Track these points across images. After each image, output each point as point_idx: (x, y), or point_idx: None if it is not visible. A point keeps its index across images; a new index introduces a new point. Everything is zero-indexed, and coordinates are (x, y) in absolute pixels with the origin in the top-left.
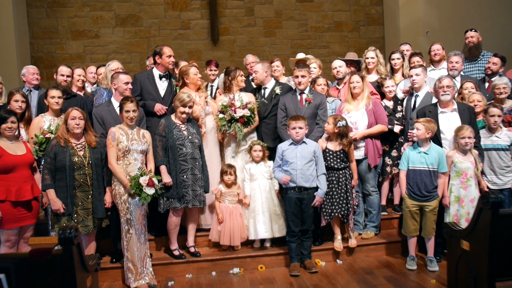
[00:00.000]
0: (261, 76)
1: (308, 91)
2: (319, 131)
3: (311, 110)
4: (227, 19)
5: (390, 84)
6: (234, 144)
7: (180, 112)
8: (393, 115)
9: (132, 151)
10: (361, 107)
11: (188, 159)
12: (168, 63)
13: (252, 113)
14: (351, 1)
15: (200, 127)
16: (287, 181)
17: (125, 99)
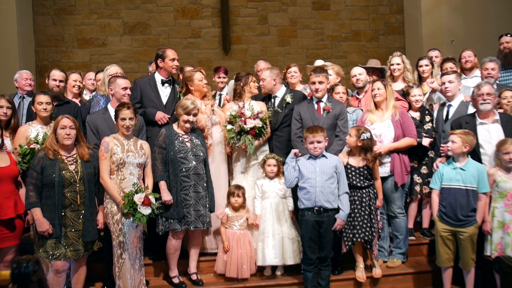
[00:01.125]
0: (269, 84)
1: (326, 99)
2: (339, 145)
3: (330, 121)
4: (239, 28)
5: (417, 93)
6: (244, 159)
7: (184, 121)
8: (421, 127)
9: (128, 164)
10: (387, 117)
11: (191, 174)
12: (171, 67)
13: (264, 124)
14: (370, 9)
15: (206, 139)
16: (299, 153)
17: (121, 105)
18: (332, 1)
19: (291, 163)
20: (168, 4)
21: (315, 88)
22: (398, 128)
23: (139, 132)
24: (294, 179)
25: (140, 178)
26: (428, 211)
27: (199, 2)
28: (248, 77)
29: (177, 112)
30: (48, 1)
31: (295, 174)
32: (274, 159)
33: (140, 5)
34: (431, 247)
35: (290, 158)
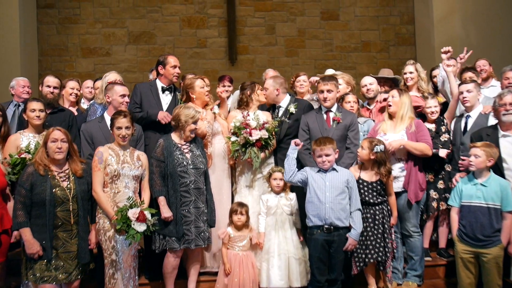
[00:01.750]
0: (272, 94)
1: (336, 109)
2: (350, 158)
3: (340, 132)
4: (246, 38)
5: (432, 104)
6: (249, 172)
7: (190, 130)
8: (437, 138)
9: (123, 177)
10: (401, 129)
11: (191, 189)
12: (172, 75)
13: (270, 135)
14: (380, 19)
15: (206, 147)
16: (300, 143)
17: (117, 113)
18: (341, 11)
19: (292, 155)
20: (173, 14)
21: (323, 97)
22: (412, 140)
23: (137, 142)
24: (294, 174)
25: (136, 191)
26: (445, 229)
27: (205, 11)
28: (255, 85)
29: (182, 122)
30: (52, 9)
31: (295, 167)
32: (280, 172)
33: (145, 14)
34: (448, 268)
35: (291, 149)
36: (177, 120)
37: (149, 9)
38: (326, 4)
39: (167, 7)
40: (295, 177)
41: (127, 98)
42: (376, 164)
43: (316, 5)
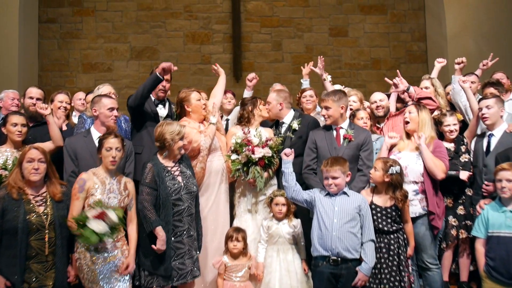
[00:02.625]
0: (275, 108)
1: (347, 126)
2: (363, 181)
3: (351, 151)
4: (251, 54)
5: (451, 122)
6: (251, 194)
7: (178, 148)
8: (456, 158)
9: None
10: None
11: (185, 217)
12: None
13: (273, 153)
14: (390, 36)
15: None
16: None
17: (107, 133)
18: (350, 27)
19: (287, 170)
20: (177, 29)
21: (323, 114)
22: None
23: (126, 159)
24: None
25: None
26: (466, 261)
27: (210, 27)
28: (256, 100)
29: (168, 140)
30: (54, 24)
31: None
32: (282, 197)
33: (148, 30)
34: None
35: (284, 163)
36: (162, 140)
37: (153, 24)
38: (334, 20)
39: (171, 22)
40: (298, 194)
41: (116, 112)
42: (391, 187)
43: (324, 21)
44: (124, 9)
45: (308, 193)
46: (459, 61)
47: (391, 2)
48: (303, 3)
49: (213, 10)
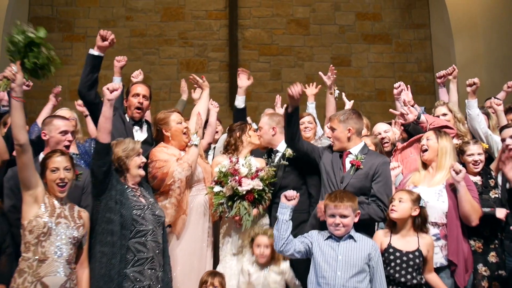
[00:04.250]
0: (267, 134)
1: (359, 150)
2: (377, 213)
3: (358, 182)
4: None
5: (475, 151)
6: (238, 235)
7: (137, 166)
8: (486, 193)
9: (55, 236)
10: (439, 181)
11: (149, 241)
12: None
13: (265, 186)
14: (396, 66)
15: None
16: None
17: (52, 151)
18: (353, 57)
19: (283, 216)
20: (171, 56)
21: (328, 136)
22: (453, 199)
23: (83, 191)
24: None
25: (72, 261)
26: None
27: (205, 55)
28: (246, 126)
29: (123, 159)
30: None
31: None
32: (265, 236)
33: (141, 56)
34: None
35: (282, 208)
36: (117, 161)
37: (146, 51)
38: (337, 49)
39: (164, 49)
40: (290, 246)
41: (69, 136)
42: (415, 225)
43: (326, 50)
44: (116, 35)
45: (302, 241)
46: (470, 82)
47: (396, 32)
48: (304, 31)
49: (209, 37)
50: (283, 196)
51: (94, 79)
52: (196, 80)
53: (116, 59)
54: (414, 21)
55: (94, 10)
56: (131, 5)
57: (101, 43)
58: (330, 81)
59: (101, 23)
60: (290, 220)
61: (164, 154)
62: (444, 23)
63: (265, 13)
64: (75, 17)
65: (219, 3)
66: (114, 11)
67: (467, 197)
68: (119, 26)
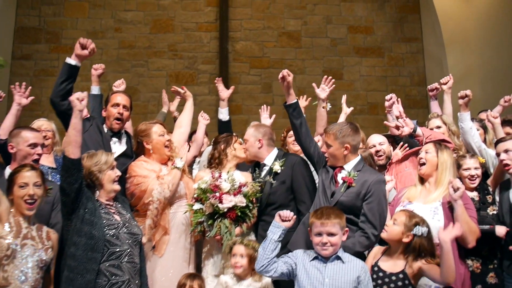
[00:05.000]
0: (253, 147)
1: (353, 166)
2: (361, 244)
3: (348, 200)
4: (239, 96)
5: (472, 165)
6: (220, 255)
7: (112, 181)
8: (484, 209)
9: (20, 259)
10: (435, 198)
11: (125, 263)
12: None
13: (249, 202)
14: (388, 80)
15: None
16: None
17: (21, 166)
18: (345, 70)
19: (273, 236)
20: (160, 68)
21: (323, 151)
22: (449, 219)
23: (53, 207)
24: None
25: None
26: None
27: (195, 67)
28: (231, 138)
29: (95, 173)
30: (29, 61)
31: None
32: (242, 245)
33: (129, 69)
34: None
35: (274, 227)
36: (89, 176)
37: (134, 63)
38: (328, 62)
39: (153, 62)
40: (272, 267)
41: (39, 149)
42: (409, 252)
43: (318, 63)
44: (104, 47)
45: (286, 261)
46: (462, 94)
47: (388, 45)
48: (295, 44)
49: (199, 49)
50: (278, 215)
51: (68, 89)
52: (177, 91)
53: (94, 67)
54: (406, 35)
55: (82, 21)
56: (120, 16)
57: (80, 52)
58: (325, 94)
59: (89, 34)
60: (280, 242)
61: (144, 169)
62: (437, 37)
63: (256, 25)
64: (62, 28)
65: (209, 15)
66: (102, 23)
67: (464, 217)
68: (108, 38)
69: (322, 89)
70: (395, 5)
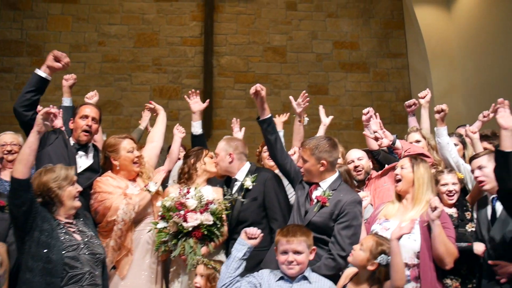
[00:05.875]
0: (224, 161)
1: (329, 184)
2: (328, 267)
3: (322, 221)
4: (224, 111)
5: (450, 181)
6: (186, 276)
7: (72, 197)
8: (462, 226)
9: None
10: (412, 216)
11: (85, 286)
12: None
13: (217, 220)
14: (374, 95)
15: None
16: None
17: None
18: (330, 85)
19: (237, 253)
20: (144, 83)
21: (298, 165)
22: (426, 239)
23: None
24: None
25: None
26: None
27: (179, 81)
28: (202, 152)
29: (54, 190)
30: (9, 74)
31: (236, 273)
32: (204, 265)
33: (112, 82)
34: None
35: (239, 244)
36: (45, 192)
37: (118, 77)
38: (314, 78)
39: (137, 76)
40: (234, 286)
41: None
42: (373, 281)
43: (303, 78)
44: (87, 60)
45: (250, 281)
46: (438, 109)
47: (373, 61)
48: (281, 59)
49: (184, 63)
50: (244, 232)
51: (34, 101)
52: (150, 108)
53: (64, 77)
54: (391, 50)
55: (65, 35)
56: (104, 30)
57: (51, 63)
58: (301, 109)
59: (72, 47)
60: (244, 260)
61: (109, 185)
62: (421, 52)
63: (241, 40)
64: (45, 41)
65: (194, 30)
66: (86, 36)
67: (442, 238)
68: (91, 51)
69: (298, 104)
70: (380, 21)
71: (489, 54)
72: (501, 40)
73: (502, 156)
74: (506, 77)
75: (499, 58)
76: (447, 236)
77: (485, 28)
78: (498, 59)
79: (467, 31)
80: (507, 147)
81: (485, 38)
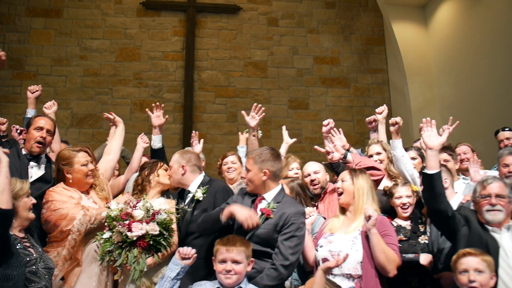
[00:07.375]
0: (176, 173)
1: (274, 196)
2: (270, 277)
3: (266, 233)
4: (204, 125)
5: (404, 193)
6: (133, 286)
7: (28, 208)
8: (414, 238)
9: None
10: (355, 228)
11: None
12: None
13: (164, 230)
14: (354, 110)
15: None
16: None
17: None
18: (311, 100)
19: (170, 273)
20: (125, 96)
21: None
22: (367, 248)
23: None
24: None
25: None
26: None
27: (160, 95)
28: (156, 164)
29: None
30: None
31: None
32: (148, 282)
33: (93, 96)
34: None
35: (173, 264)
36: None
37: (98, 91)
38: (294, 92)
39: (118, 89)
40: None
41: None
42: None
43: (284, 93)
44: (69, 74)
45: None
46: (393, 121)
47: (354, 76)
48: (261, 73)
49: (165, 78)
50: (177, 252)
51: None
52: (108, 118)
53: (29, 89)
54: (372, 66)
55: (47, 49)
56: (86, 44)
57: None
58: (256, 122)
59: (54, 61)
60: (178, 280)
61: (63, 195)
62: (399, 68)
63: (222, 55)
64: (26, 55)
65: (176, 45)
66: (68, 50)
67: (380, 245)
68: (73, 65)
69: (252, 117)
70: (360, 37)
71: (465, 70)
72: (476, 56)
73: (427, 179)
74: (481, 92)
75: (475, 74)
76: (388, 244)
77: (461, 45)
78: (474, 75)
79: (443, 47)
80: (431, 167)
81: (461, 54)
